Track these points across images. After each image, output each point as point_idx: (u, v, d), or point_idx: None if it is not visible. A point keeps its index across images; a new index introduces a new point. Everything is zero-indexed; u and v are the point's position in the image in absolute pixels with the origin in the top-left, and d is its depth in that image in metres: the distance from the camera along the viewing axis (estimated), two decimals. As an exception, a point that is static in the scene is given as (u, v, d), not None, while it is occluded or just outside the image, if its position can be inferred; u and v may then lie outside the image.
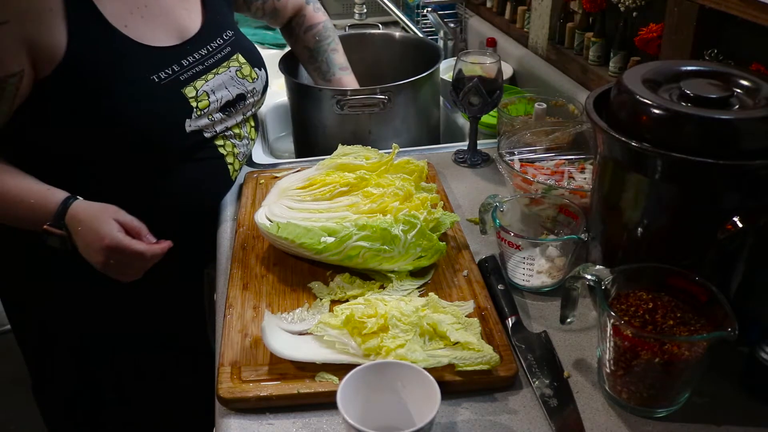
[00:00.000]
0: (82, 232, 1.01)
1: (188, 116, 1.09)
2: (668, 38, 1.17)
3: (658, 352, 0.70)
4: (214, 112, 1.13)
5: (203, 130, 1.12)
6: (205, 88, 1.11)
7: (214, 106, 1.13)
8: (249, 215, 1.12)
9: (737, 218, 0.73)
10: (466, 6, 2.13)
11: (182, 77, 1.09)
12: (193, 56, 1.12)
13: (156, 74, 1.06)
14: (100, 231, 1.00)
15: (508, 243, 0.94)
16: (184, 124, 1.09)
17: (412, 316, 0.82)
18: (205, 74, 1.12)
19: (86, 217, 1.01)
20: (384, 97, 1.33)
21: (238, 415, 0.78)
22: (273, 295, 0.94)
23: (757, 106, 0.77)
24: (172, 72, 1.08)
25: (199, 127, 1.11)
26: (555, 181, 1.09)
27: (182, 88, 1.08)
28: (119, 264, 1.02)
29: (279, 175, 1.24)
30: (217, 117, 1.14)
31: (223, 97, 1.14)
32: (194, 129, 1.10)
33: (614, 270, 0.78)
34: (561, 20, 1.61)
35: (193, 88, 1.10)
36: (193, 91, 1.09)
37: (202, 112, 1.10)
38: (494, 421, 0.76)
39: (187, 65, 1.10)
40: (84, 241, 1.01)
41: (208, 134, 1.14)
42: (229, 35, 1.19)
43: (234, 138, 1.20)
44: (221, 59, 1.16)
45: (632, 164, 0.79)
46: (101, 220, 1.01)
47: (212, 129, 1.14)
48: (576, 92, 1.46)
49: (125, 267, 1.04)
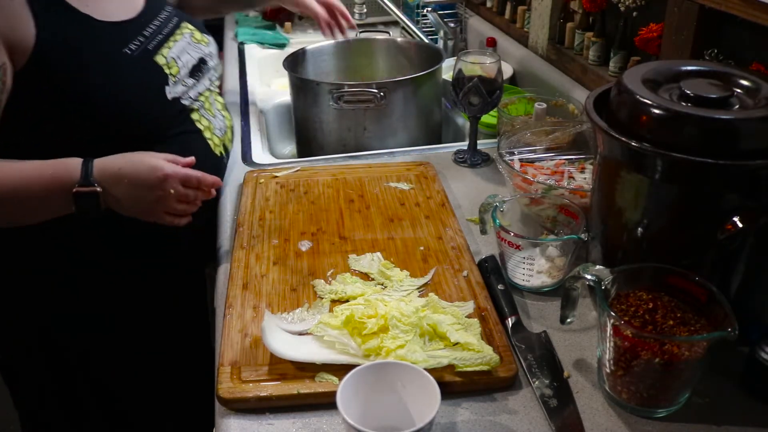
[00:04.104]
0: (127, 176, 0.98)
1: (166, 83, 1.10)
2: (668, 38, 1.18)
3: (658, 352, 0.70)
4: (186, 77, 1.15)
5: (181, 97, 1.13)
6: (171, 54, 1.13)
7: (184, 72, 1.15)
8: (249, 215, 1.12)
9: (737, 218, 0.73)
10: (466, 6, 2.13)
11: (149, 47, 1.10)
12: (151, 27, 1.14)
13: (127, 47, 1.07)
14: (152, 163, 0.99)
15: (508, 243, 0.94)
16: (165, 92, 1.09)
17: (412, 317, 0.82)
18: (167, 42, 1.14)
19: (125, 163, 0.99)
20: (378, 91, 1.33)
21: (238, 415, 0.77)
22: (273, 295, 0.94)
23: (757, 106, 0.77)
24: (140, 43, 1.10)
25: (178, 94, 1.12)
26: (555, 181, 1.09)
27: (153, 56, 1.10)
28: (177, 196, 1.00)
29: (279, 174, 1.24)
30: (190, 83, 1.16)
31: (189, 62, 1.17)
32: (174, 96, 1.11)
33: (614, 270, 0.78)
34: (561, 20, 1.61)
35: (161, 56, 1.11)
36: (163, 59, 1.11)
37: (176, 78, 1.12)
38: (494, 421, 0.76)
39: (150, 35, 1.12)
40: (131, 183, 0.98)
41: (185, 102, 1.14)
42: (169, 8, 1.22)
43: (206, 113, 1.21)
44: (174, 28, 1.18)
45: (632, 164, 0.79)
46: (145, 156, 1.00)
47: (188, 96, 1.15)
48: (576, 92, 1.46)
49: (183, 198, 1.02)
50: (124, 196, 1.00)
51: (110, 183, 0.98)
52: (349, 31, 1.64)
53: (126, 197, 1.00)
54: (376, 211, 1.13)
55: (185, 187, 1.02)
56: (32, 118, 1.03)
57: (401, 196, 1.17)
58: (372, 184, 1.21)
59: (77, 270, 1.21)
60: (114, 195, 0.99)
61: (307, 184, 1.22)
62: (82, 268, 1.21)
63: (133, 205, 1.01)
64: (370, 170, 1.26)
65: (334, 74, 1.67)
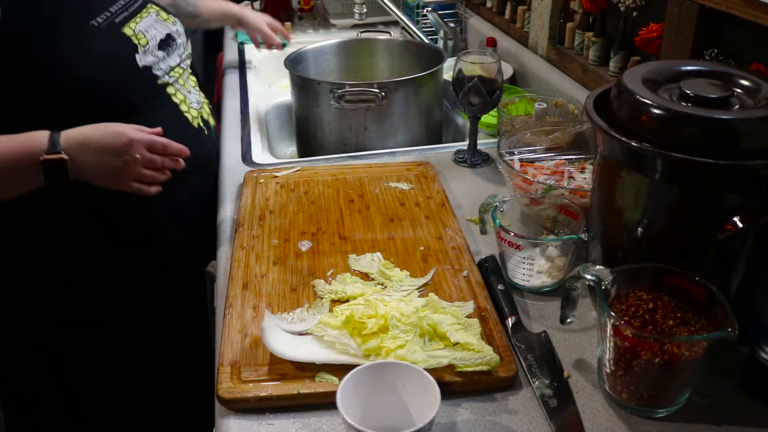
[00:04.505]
0: (93, 142, 1.01)
1: (135, 51, 1.14)
2: (668, 38, 1.18)
3: (658, 352, 0.70)
4: (155, 49, 1.18)
5: (152, 67, 1.17)
6: (138, 28, 1.17)
7: (152, 44, 1.18)
8: (249, 215, 1.12)
9: (737, 218, 0.73)
10: (466, 6, 2.13)
11: (116, 21, 1.14)
12: (117, 4, 1.16)
13: (94, 19, 1.10)
14: (117, 129, 1.02)
15: (508, 243, 0.94)
16: (135, 60, 1.13)
17: (412, 317, 0.82)
18: (133, 18, 1.18)
19: (91, 131, 1.03)
20: (379, 91, 1.33)
21: (238, 415, 0.77)
22: (273, 295, 0.94)
23: (757, 106, 0.77)
24: (106, 17, 1.12)
25: (149, 63, 1.16)
26: (555, 181, 1.09)
27: (121, 29, 1.14)
28: (143, 161, 1.04)
29: (279, 174, 1.24)
30: (160, 55, 1.19)
31: (156, 35, 1.20)
32: (145, 64, 1.15)
33: (614, 270, 0.78)
34: (561, 20, 1.61)
35: (129, 28, 1.15)
36: (131, 31, 1.15)
37: (145, 48, 1.16)
38: (494, 421, 0.76)
39: (116, 11, 1.15)
40: (97, 150, 1.02)
41: (158, 72, 1.18)
42: None
43: (181, 87, 1.25)
44: (139, 7, 1.21)
45: (632, 164, 0.79)
46: (111, 125, 1.03)
47: (159, 67, 1.18)
48: (576, 92, 1.46)
49: (149, 164, 1.05)
50: (91, 163, 1.02)
51: (77, 150, 1.01)
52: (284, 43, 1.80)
53: (93, 164, 1.02)
54: (376, 211, 1.13)
55: (151, 153, 1.05)
56: (3, 91, 1.04)
57: (401, 196, 1.17)
58: (372, 184, 1.21)
59: (77, 270, 1.21)
60: (81, 163, 1.01)
61: (307, 184, 1.22)
62: (82, 268, 1.21)
63: (101, 173, 1.04)
64: (370, 170, 1.26)
65: (335, 74, 1.67)
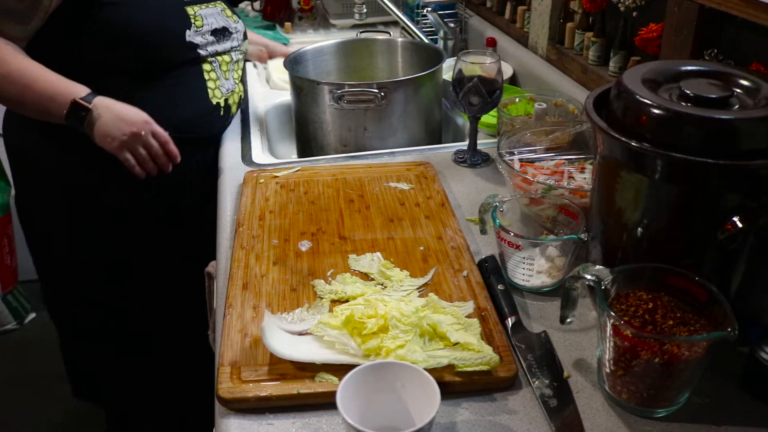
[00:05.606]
0: (118, 108, 1.19)
1: (188, 28, 1.30)
2: (668, 38, 1.18)
3: (658, 352, 0.70)
4: (207, 33, 1.33)
5: (198, 45, 1.32)
6: (200, 12, 1.33)
7: (206, 28, 1.33)
8: (249, 215, 1.12)
9: (737, 218, 0.73)
10: (466, 6, 2.13)
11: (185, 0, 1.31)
12: None
13: None
14: (140, 111, 1.21)
15: (508, 243, 0.94)
16: (185, 34, 1.29)
17: (412, 317, 0.82)
18: (199, 3, 1.34)
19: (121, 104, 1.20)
20: (378, 91, 1.33)
21: (238, 415, 0.77)
22: (273, 295, 0.94)
23: (757, 106, 0.77)
24: None
25: (196, 42, 1.31)
26: (555, 181, 1.09)
27: (185, 6, 1.31)
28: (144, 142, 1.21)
29: (279, 174, 1.24)
30: (210, 39, 1.34)
31: (213, 24, 1.35)
32: (192, 41, 1.30)
33: (614, 270, 0.78)
34: (561, 20, 1.61)
35: (192, 8, 1.32)
36: (192, 11, 1.32)
37: (198, 30, 1.31)
38: (494, 421, 0.76)
39: None
40: (118, 116, 1.19)
41: (201, 51, 1.33)
42: None
43: (220, 72, 1.38)
44: None
45: (632, 164, 0.79)
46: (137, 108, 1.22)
47: (205, 48, 1.34)
48: (576, 92, 1.46)
49: (148, 146, 1.22)
50: (106, 121, 1.18)
51: (102, 108, 1.19)
52: None
53: (106, 123, 1.18)
54: (376, 211, 1.13)
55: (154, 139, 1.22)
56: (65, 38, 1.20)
57: (401, 196, 1.17)
58: (372, 184, 1.21)
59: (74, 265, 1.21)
60: (98, 117, 1.18)
61: (307, 184, 1.22)
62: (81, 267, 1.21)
63: (109, 132, 1.19)
64: (370, 170, 1.26)
65: (334, 74, 1.67)
